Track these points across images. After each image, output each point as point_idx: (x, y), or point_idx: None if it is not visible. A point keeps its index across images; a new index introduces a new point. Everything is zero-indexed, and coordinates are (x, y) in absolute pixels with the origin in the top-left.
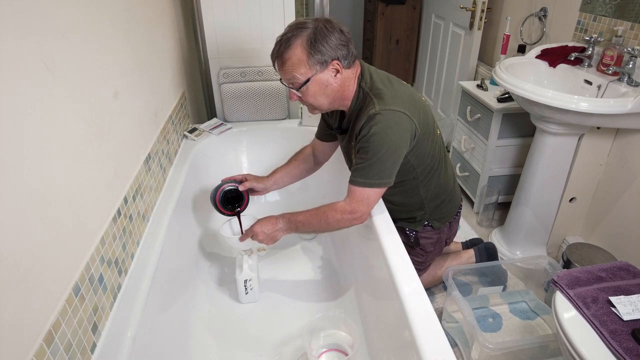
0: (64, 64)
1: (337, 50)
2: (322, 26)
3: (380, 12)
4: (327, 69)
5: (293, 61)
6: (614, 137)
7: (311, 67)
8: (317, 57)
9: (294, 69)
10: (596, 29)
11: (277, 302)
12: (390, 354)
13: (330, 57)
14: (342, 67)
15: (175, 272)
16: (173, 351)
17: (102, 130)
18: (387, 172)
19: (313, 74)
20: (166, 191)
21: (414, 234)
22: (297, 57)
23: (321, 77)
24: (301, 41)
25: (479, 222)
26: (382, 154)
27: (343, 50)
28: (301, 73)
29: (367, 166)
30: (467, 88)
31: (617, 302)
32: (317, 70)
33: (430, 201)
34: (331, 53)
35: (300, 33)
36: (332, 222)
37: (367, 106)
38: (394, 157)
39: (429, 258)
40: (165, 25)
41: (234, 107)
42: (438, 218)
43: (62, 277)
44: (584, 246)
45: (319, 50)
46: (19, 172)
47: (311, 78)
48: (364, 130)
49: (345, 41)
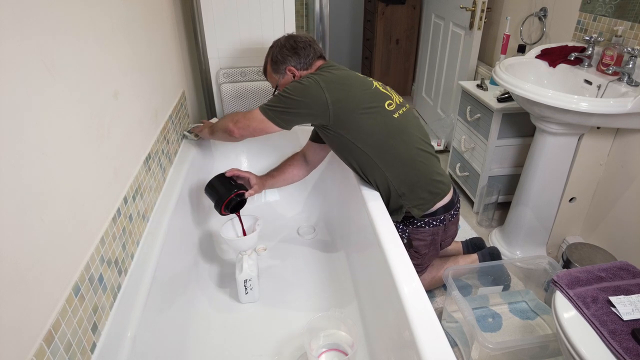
0: (64, 64)
1: (286, 60)
2: (282, 43)
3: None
4: (286, 73)
5: (268, 71)
6: (614, 137)
7: (275, 74)
8: (277, 68)
9: (269, 77)
10: (596, 28)
11: (277, 302)
12: (390, 354)
13: (284, 66)
14: (297, 70)
15: (175, 272)
16: (173, 351)
17: (102, 130)
18: (281, 110)
19: (279, 78)
20: (166, 191)
21: (406, 234)
22: (268, 69)
23: (284, 80)
24: (269, 58)
25: (478, 222)
26: (287, 98)
27: (294, 58)
28: (272, 80)
29: (273, 98)
30: (467, 88)
31: (617, 302)
32: (279, 77)
33: (402, 183)
34: (285, 64)
35: (270, 51)
36: (220, 123)
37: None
38: (295, 104)
39: (424, 260)
40: (165, 25)
41: (234, 107)
42: (416, 205)
43: (62, 277)
44: (584, 246)
45: (277, 63)
46: (19, 172)
47: (278, 83)
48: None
49: (300, 50)
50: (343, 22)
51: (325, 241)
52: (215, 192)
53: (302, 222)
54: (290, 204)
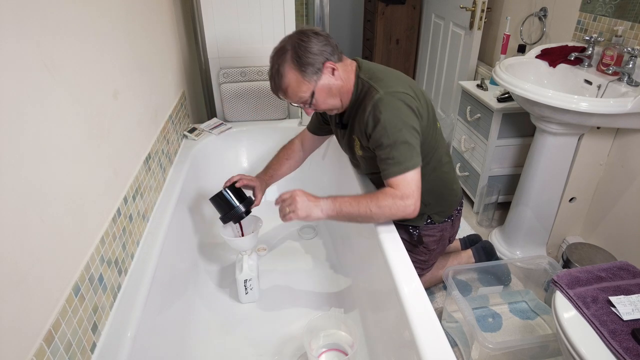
0: (64, 64)
1: (322, 53)
2: (297, 40)
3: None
4: (324, 73)
5: (292, 86)
6: (614, 137)
7: (310, 81)
8: (310, 69)
9: (296, 91)
10: (596, 28)
11: (277, 302)
12: (390, 354)
13: (319, 61)
14: (335, 63)
15: (175, 272)
16: (173, 351)
17: (102, 130)
18: (415, 150)
19: (314, 85)
20: (166, 191)
21: (417, 232)
22: (293, 80)
23: (323, 83)
24: (289, 65)
25: (478, 222)
26: (403, 134)
27: (327, 48)
28: (304, 91)
29: (394, 152)
30: (467, 88)
31: (617, 302)
32: (316, 80)
33: (430, 193)
34: (318, 57)
35: (283, 58)
36: (383, 207)
37: (370, 94)
38: (414, 134)
39: (432, 256)
40: (165, 25)
41: (233, 107)
42: (438, 212)
43: (62, 277)
44: (584, 246)
45: (308, 63)
46: (19, 172)
47: (315, 89)
48: (372, 118)
49: (323, 39)
50: (343, 22)
51: (326, 242)
52: (226, 206)
53: (303, 223)
54: None
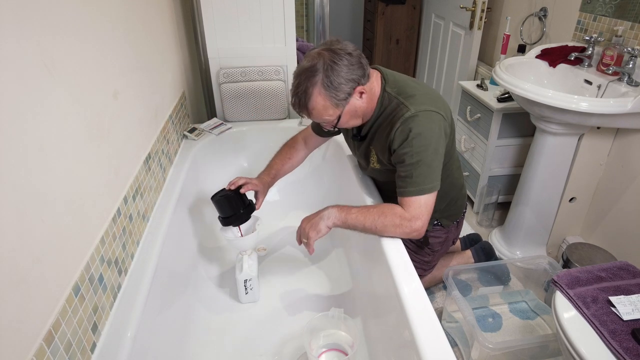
0: (64, 64)
1: (353, 78)
2: (329, 62)
3: (380, 12)
4: (352, 97)
5: (319, 109)
6: (614, 137)
7: (338, 105)
8: (340, 95)
9: (322, 114)
10: (596, 28)
11: (277, 302)
12: (390, 354)
13: (351, 87)
14: (364, 86)
15: (175, 272)
16: (173, 351)
17: (102, 130)
18: (435, 173)
19: (342, 109)
20: (166, 191)
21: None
22: (321, 105)
23: (350, 107)
24: (318, 89)
25: (479, 222)
26: (428, 155)
27: (358, 72)
28: (330, 114)
29: (414, 172)
30: (467, 88)
31: (617, 302)
32: (344, 105)
33: (441, 200)
34: (350, 84)
35: (312, 80)
36: (389, 225)
37: (399, 110)
38: (438, 158)
39: (435, 257)
40: (165, 25)
41: (234, 107)
42: (447, 216)
43: (62, 277)
44: (584, 246)
45: (339, 90)
46: (19, 172)
47: (342, 113)
48: (400, 135)
49: (356, 61)
50: (343, 22)
51: (326, 242)
52: (229, 210)
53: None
54: (290, 204)
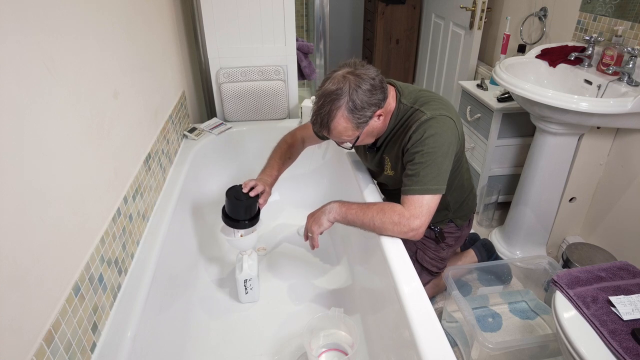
0: (64, 64)
1: (375, 102)
2: (354, 87)
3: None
4: (372, 119)
5: (339, 130)
6: (614, 137)
7: (358, 127)
8: (362, 119)
9: (341, 134)
10: (596, 28)
11: (277, 302)
12: (390, 354)
13: (372, 111)
14: (383, 108)
15: (175, 272)
16: (173, 351)
17: (102, 130)
18: (442, 176)
19: (361, 131)
20: (166, 191)
21: (437, 228)
22: (342, 126)
23: (368, 128)
24: (342, 112)
25: (479, 222)
26: (438, 156)
27: (379, 96)
28: (349, 135)
29: (422, 171)
30: (467, 88)
31: (617, 301)
32: (364, 127)
33: (454, 201)
34: (372, 108)
35: (337, 103)
36: (387, 222)
37: (416, 116)
38: (447, 162)
39: (449, 253)
40: (165, 25)
41: (234, 106)
42: (460, 216)
43: (62, 276)
44: (584, 246)
45: (361, 115)
46: (19, 172)
47: (360, 134)
48: (415, 135)
49: (378, 85)
50: (343, 22)
51: (326, 242)
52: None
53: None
54: (290, 204)
